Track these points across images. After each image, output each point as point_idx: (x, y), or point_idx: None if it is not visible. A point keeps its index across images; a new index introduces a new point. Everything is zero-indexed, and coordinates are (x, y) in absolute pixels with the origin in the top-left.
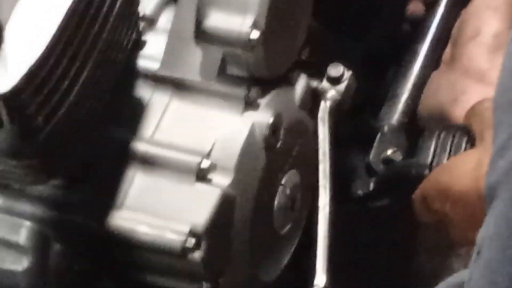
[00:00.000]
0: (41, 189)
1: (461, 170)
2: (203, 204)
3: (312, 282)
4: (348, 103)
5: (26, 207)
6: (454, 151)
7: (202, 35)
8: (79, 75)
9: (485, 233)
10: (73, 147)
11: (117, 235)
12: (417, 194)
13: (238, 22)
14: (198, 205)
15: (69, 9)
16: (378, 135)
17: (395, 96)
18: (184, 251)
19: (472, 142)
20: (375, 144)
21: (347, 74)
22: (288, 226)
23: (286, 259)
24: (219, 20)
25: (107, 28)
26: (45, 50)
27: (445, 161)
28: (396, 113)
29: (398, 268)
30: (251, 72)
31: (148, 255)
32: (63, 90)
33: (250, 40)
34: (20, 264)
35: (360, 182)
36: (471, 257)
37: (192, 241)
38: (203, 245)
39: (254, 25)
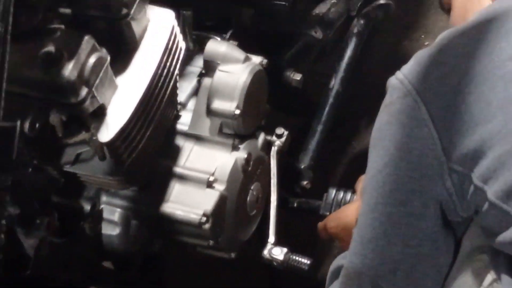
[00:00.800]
0: (125, 191)
1: (349, 211)
2: (210, 200)
3: (267, 240)
4: (286, 149)
5: (118, 201)
6: (344, 202)
7: (210, 112)
8: (147, 130)
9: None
10: (143, 169)
11: (165, 216)
12: (321, 224)
13: (228, 105)
14: (208, 200)
15: (144, 92)
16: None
17: (306, 148)
18: (200, 224)
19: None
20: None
21: (286, 132)
22: (255, 211)
23: (253, 228)
24: (218, 105)
25: (164, 106)
26: (129, 117)
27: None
28: (307, 158)
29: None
30: (235, 131)
31: (182, 226)
32: (139, 139)
33: (234, 115)
34: (115, 231)
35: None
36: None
37: (204, 219)
38: (210, 221)
39: (237, 107)
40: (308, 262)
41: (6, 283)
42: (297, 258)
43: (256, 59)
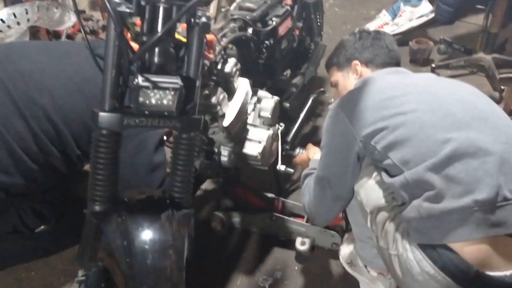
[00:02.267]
0: (230, 145)
1: (303, 156)
2: (259, 148)
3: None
4: (284, 131)
5: (227, 146)
6: (301, 152)
7: (260, 116)
8: (238, 123)
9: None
10: (237, 137)
11: (244, 152)
12: (294, 160)
13: (267, 114)
14: (259, 148)
15: (239, 109)
16: None
17: (290, 132)
18: (257, 156)
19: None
20: None
21: (283, 124)
22: (274, 153)
23: (273, 159)
24: (263, 113)
25: (243, 114)
26: (233, 118)
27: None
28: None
29: None
30: (269, 123)
31: (249, 156)
32: (236, 126)
33: (268, 118)
34: (226, 158)
35: None
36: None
37: (259, 155)
38: (260, 155)
39: (269, 114)
40: (292, 171)
41: None
42: (288, 169)
43: (276, 97)
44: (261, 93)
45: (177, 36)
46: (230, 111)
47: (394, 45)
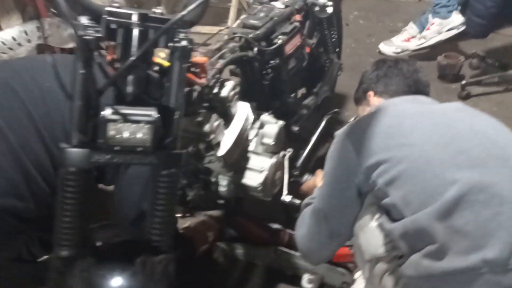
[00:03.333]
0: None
1: (310, 182)
2: (261, 177)
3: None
4: (292, 156)
5: (226, 176)
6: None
7: (262, 143)
8: (236, 151)
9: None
10: (235, 166)
11: (243, 184)
12: (300, 188)
13: (270, 141)
14: (260, 178)
15: (236, 137)
16: None
17: (300, 156)
18: (257, 187)
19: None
20: None
21: (291, 150)
22: (278, 182)
23: (277, 189)
24: (265, 140)
25: (243, 141)
26: (229, 147)
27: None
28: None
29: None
30: (271, 151)
31: (250, 188)
32: (233, 155)
33: (271, 145)
34: (225, 187)
35: None
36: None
37: (260, 186)
38: (261, 186)
39: (273, 141)
40: (299, 202)
41: None
42: (294, 200)
43: (280, 122)
44: (264, 117)
45: (160, 60)
46: (226, 139)
47: (415, 73)
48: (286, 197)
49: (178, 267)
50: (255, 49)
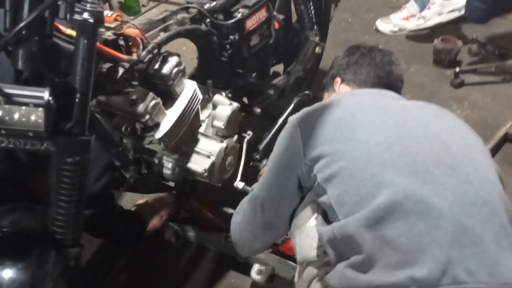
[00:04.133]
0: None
1: (265, 169)
2: (207, 163)
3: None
4: (252, 140)
5: (171, 159)
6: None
7: (212, 126)
8: (179, 133)
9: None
10: (178, 149)
11: (188, 168)
12: (258, 175)
13: (220, 124)
14: (206, 163)
15: (177, 117)
16: None
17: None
18: (203, 173)
19: None
20: None
21: (251, 133)
22: (229, 168)
23: (229, 174)
24: (216, 123)
25: (189, 122)
26: (169, 128)
27: None
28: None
29: None
30: (223, 134)
31: (194, 172)
32: (173, 138)
33: (222, 128)
34: (169, 171)
35: None
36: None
37: (205, 172)
38: (207, 172)
39: (223, 124)
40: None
41: None
42: (247, 187)
43: (235, 104)
44: (218, 97)
45: (71, 32)
46: (166, 120)
47: (388, 64)
48: (239, 184)
49: (126, 244)
50: (209, 22)
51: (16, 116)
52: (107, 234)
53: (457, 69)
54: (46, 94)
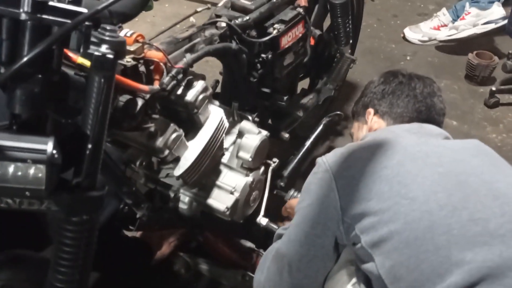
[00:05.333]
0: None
1: (293, 202)
2: (230, 200)
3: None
4: (276, 168)
5: (188, 194)
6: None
7: (237, 156)
8: (201, 168)
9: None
10: (198, 184)
11: (209, 206)
12: (284, 207)
13: (247, 156)
14: (229, 200)
15: (201, 151)
16: None
17: (288, 166)
18: (224, 212)
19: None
20: None
21: (277, 160)
22: (253, 203)
23: (252, 210)
24: (242, 154)
25: (214, 153)
26: (190, 164)
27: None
28: (286, 171)
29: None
30: (248, 167)
31: (216, 211)
32: (195, 174)
33: (249, 161)
34: (186, 206)
35: None
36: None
37: (227, 210)
38: (229, 210)
39: (250, 156)
40: (276, 227)
41: None
42: (271, 224)
43: (264, 132)
44: (245, 125)
45: (82, 61)
46: (188, 154)
47: (430, 96)
48: (262, 220)
49: (131, 274)
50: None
51: (11, 170)
52: (111, 267)
53: (493, 88)
54: (49, 146)
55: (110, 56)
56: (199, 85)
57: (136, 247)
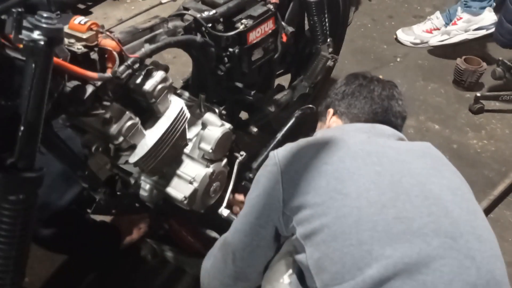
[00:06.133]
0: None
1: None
2: (189, 190)
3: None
4: (244, 161)
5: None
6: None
7: (199, 148)
8: (159, 156)
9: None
10: (155, 171)
11: (168, 194)
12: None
13: (207, 147)
14: (188, 190)
15: (158, 139)
16: None
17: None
18: (182, 201)
19: None
20: None
21: (244, 154)
22: (213, 195)
23: (213, 201)
24: (203, 145)
25: (173, 143)
26: (146, 151)
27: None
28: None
29: None
30: (209, 158)
31: (174, 200)
32: (151, 161)
33: (209, 152)
34: (146, 193)
35: None
36: None
37: (185, 199)
38: (187, 200)
39: (211, 148)
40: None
41: None
42: (232, 215)
43: (227, 125)
44: (208, 116)
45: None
46: (144, 142)
47: (387, 99)
48: (224, 211)
49: (99, 258)
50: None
51: None
52: (78, 250)
53: (478, 94)
54: None
55: (41, 42)
56: (158, 75)
57: (105, 230)
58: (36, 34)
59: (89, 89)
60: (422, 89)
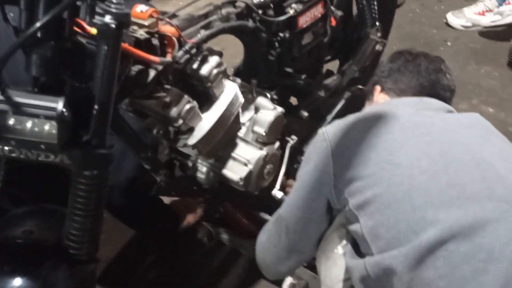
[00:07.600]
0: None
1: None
2: (244, 171)
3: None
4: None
5: (205, 163)
6: None
7: (253, 131)
8: (215, 139)
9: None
10: (214, 155)
11: (224, 175)
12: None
13: (261, 130)
14: (244, 171)
15: (215, 123)
16: None
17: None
18: (238, 182)
19: None
20: None
21: (295, 138)
22: (267, 176)
23: (267, 183)
24: (257, 129)
25: (228, 127)
26: (204, 134)
27: None
28: None
29: None
30: (263, 141)
31: (231, 181)
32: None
33: (263, 135)
34: (203, 175)
35: None
36: None
37: (241, 181)
38: (243, 181)
39: (264, 131)
40: None
41: None
42: (286, 197)
43: (279, 109)
44: (261, 100)
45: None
46: (201, 125)
47: (434, 73)
48: (277, 193)
49: (158, 241)
50: (257, 17)
51: (29, 125)
52: (141, 224)
53: None
54: (59, 105)
55: (112, 25)
56: (213, 60)
57: (165, 212)
58: (108, 18)
59: (152, 73)
60: (474, 73)
